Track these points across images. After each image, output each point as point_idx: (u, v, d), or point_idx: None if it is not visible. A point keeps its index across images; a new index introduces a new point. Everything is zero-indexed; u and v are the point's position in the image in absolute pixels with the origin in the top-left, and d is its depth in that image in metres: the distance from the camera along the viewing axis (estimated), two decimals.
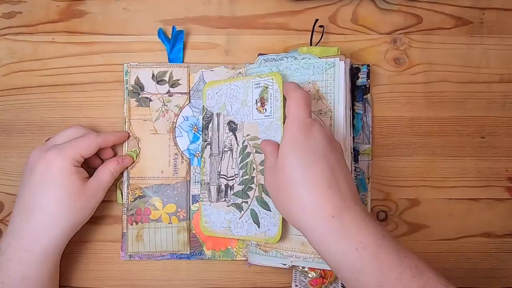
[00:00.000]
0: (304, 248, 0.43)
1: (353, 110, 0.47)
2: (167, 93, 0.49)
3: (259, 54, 0.48)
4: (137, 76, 0.49)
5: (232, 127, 0.46)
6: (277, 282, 0.49)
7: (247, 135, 0.45)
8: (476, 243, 0.49)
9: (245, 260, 0.48)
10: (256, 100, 0.45)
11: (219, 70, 0.49)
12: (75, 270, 0.49)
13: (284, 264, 0.44)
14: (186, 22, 0.50)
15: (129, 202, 0.48)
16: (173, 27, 0.48)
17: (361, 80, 0.48)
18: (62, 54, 0.49)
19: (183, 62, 0.49)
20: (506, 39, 0.50)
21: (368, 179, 0.48)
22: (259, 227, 0.44)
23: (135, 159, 0.48)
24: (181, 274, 0.49)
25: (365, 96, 0.48)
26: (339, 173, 0.36)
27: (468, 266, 0.49)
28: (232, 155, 0.46)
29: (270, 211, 0.43)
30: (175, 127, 0.49)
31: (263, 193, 0.44)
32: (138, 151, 0.48)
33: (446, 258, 0.49)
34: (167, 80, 0.49)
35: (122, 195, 0.48)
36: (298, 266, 0.43)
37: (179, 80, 0.49)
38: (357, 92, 0.48)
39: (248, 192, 0.45)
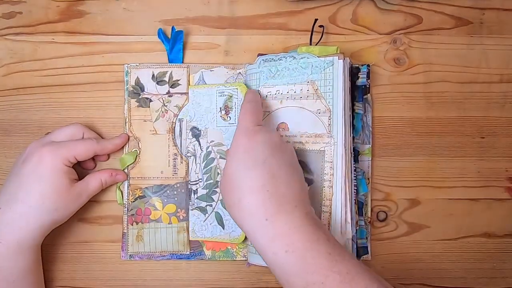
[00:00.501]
0: None
1: (353, 110, 0.47)
2: (167, 93, 0.49)
3: (259, 55, 0.48)
4: (137, 77, 0.49)
5: (196, 133, 0.47)
6: (277, 282, 0.49)
7: (211, 141, 0.47)
8: (476, 243, 0.49)
9: (245, 260, 0.48)
10: (220, 108, 0.47)
11: (219, 70, 0.49)
12: (75, 270, 0.49)
13: None
14: (186, 22, 0.50)
15: (130, 202, 0.48)
16: (172, 28, 0.48)
17: (361, 80, 0.48)
18: (62, 54, 0.49)
19: (183, 62, 0.49)
20: (506, 39, 0.50)
21: (368, 179, 0.48)
22: (223, 228, 0.46)
23: (134, 160, 0.48)
24: (181, 274, 0.49)
25: (365, 96, 0.48)
26: (280, 177, 0.37)
27: (468, 266, 0.49)
28: (195, 160, 0.47)
29: None
30: (174, 127, 0.49)
31: None
32: (138, 152, 0.48)
33: (446, 258, 0.49)
34: (167, 81, 0.49)
35: (122, 196, 0.48)
36: None
37: (178, 80, 0.49)
38: (357, 92, 0.48)
39: (212, 196, 0.47)
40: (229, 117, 0.47)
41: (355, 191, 0.46)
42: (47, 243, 0.47)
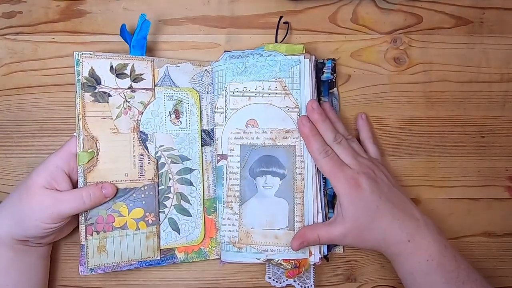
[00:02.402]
0: (278, 241, 0.44)
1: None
2: (129, 88, 0.45)
3: (225, 51, 0.47)
4: (92, 67, 0.44)
5: (142, 137, 0.45)
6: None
7: (160, 146, 0.46)
8: (476, 243, 0.50)
9: (218, 258, 0.47)
10: (169, 112, 0.46)
11: (185, 66, 0.47)
12: (76, 269, 0.48)
13: (259, 259, 0.44)
14: (186, 22, 0.50)
15: (88, 210, 0.43)
16: (141, 15, 0.44)
17: (326, 75, 0.48)
18: (62, 53, 0.49)
19: (146, 55, 0.46)
20: (506, 39, 0.50)
21: None
22: (179, 233, 0.46)
23: (88, 160, 0.43)
24: (181, 274, 0.49)
25: (331, 91, 0.48)
26: (390, 210, 0.42)
27: None
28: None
29: (191, 216, 0.46)
30: (139, 125, 0.45)
31: (182, 200, 0.46)
32: (95, 153, 0.43)
33: None
34: (129, 74, 0.45)
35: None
36: (273, 259, 0.44)
37: (142, 74, 0.45)
38: (323, 87, 0.48)
39: (164, 202, 0.46)
40: (180, 121, 0.46)
41: (323, 183, 0.46)
42: None
